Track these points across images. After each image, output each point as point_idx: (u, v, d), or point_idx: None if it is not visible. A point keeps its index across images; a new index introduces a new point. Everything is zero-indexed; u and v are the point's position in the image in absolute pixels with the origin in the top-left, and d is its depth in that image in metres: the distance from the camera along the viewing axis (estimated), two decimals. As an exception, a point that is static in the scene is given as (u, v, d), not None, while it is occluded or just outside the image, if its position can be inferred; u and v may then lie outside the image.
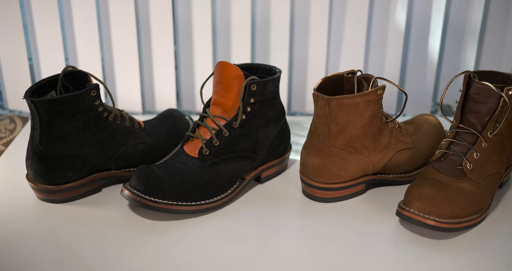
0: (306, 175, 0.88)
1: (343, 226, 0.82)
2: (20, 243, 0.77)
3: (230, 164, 0.87)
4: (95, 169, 0.89)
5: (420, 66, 1.30)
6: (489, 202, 0.83)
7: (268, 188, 0.94)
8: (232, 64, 0.86)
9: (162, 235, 0.79)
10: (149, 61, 1.30)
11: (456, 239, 0.79)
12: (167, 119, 1.02)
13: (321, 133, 0.85)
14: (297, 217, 0.86)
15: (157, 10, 1.24)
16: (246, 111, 0.87)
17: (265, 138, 0.90)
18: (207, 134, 0.86)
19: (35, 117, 0.82)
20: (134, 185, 0.81)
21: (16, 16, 1.22)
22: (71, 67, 0.86)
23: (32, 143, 0.83)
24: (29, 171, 0.86)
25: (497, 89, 0.81)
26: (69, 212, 0.85)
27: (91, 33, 1.25)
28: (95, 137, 0.86)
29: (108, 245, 0.77)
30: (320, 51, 1.29)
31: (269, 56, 1.29)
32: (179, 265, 0.73)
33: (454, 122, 0.86)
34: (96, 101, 0.85)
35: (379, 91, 0.84)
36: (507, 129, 0.84)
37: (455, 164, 0.82)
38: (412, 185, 0.80)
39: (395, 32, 1.26)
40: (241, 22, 1.26)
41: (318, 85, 0.85)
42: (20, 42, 1.24)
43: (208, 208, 0.84)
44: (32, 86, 0.83)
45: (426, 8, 1.25)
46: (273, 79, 0.88)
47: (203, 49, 1.28)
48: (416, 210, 0.77)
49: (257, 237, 0.79)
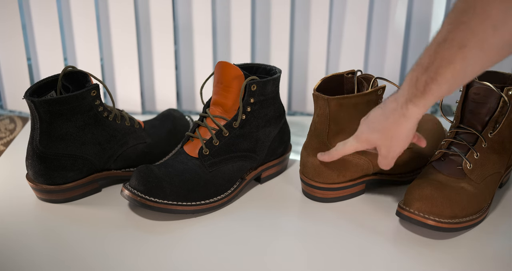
0: (306, 175, 0.88)
1: (343, 226, 0.82)
2: (20, 243, 0.77)
3: (230, 164, 0.87)
4: (95, 169, 0.89)
5: (420, 66, 1.30)
6: (489, 202, 0.83)
7: (268, 188, 0.94)
8: (232, 64, 0.86)
9: (162, 235, 0.79)
10: (149, 61, 1.30)
11: (456, 239, 0.79)
12: (167, 119, 1.02)
13: (321, 133, 0.85)
14: (297, 217, 0.86)
15: (157, 10, 1.24)
16: (246, 111, 0.87)
17: (265, 138, 0.90)
18: (207, 134, 0.86)
19: (35, 117, 0.82)
20: (134, 185, 0.81)
21: (15, 16, 1.22)
22: (71, 67, 0.86)
23: (32, 143, 0.83)
24: (29, 171, 0.86)
25: (497, 89, 0.81)
26: (69, 212, 0.85)
27: (90, 33, 1.25)
28: (95, 137, 0.86)
29: (108, 245, 0.77)
30: (320, 51, 1.29)
31: (269, 56, 1.29)
32: (179, 265, 0.73)
33: (454, 122, 0.86)
34: (96, 101, 0.85)
35: (379, 91, 0.84)
36: (507, 129, 0.84)
37: (455, 164, 0.82)
38: (412, 185, 0.80)
39: (395, 32, 1.26)
40: (241, 22, 1.26)
41: (318, 85, 0.86)
42: (19, 42, 1.24)
43: (208, 208, 0.84)
44: (32, 86, 0.83)
45: (426, 8, 1.25)
46: (273, 79, 0.88)
47: (203, 49, 1.28)
48: (416, 210, 0.77)
49: (257, 237, 0.79)
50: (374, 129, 0.74)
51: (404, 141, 0.73)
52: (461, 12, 0.60)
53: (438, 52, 0.62)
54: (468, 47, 0.60)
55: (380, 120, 0.72)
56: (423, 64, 0.64)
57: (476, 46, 0.60)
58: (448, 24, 0.61)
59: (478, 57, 0.61)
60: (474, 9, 0.58)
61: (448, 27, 0.61)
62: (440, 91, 0.65)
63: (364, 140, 0.76)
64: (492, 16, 0.58)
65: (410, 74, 0.67)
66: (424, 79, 0.65)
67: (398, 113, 0.69)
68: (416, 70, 0.65)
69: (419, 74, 0.65)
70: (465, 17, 0.59)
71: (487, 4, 0.58)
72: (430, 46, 0.64)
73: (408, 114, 0.69)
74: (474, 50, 0.60)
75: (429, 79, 0.64)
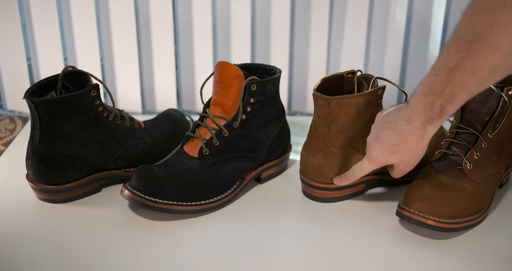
0: (306, 175, 0.88)
1: (343, 226, 0.82)
2: (20, 243, 0.77)
3: (230, 164, 0.87)
4: (95, 169, 0.89)
5: (420, 66, 1.30)
6: (489, 202, 0.83)
7: (268, 188, 0.94)
8: (232, 64, 0.86)
9: (162, 235, 0.79)
10: (149, 61, 1.30)
11: (456, 239, 0.79)
12: (167, 119, 1.02)
13: (321, 133, 0.85)
14: (297, 217, 0.86)
15: (157, 10, 1.24)
16: (246, 111, 0.87)
17: (265, 138, 0.90)
18: (207, 134, 0.86)
19: (35, 117, 0.82)
20: (134, 185, 0.81)
21: (14, 16, 1.22)
22: (71, 67, 0.86)
23: (32, 143, 0.83)
24: (29, 171, 0.86)
25: (497, 89, 0.81)
26: (69, 212, 0.85)
27: (90, 33, 1.25)
28: (95, 137, 0.86)
29: (108, 245, 0.77)
30: (320, 51, 1.29)
31: (269, 56, 1.29)
32: (179, 265, 0.73)
33: (454, 122, 0.86)
34: (96, 101, 0.85)
35: (379, 91, 0.84)
36: (507, 129, 0.84)
37: (455, 164, 0.82)
38: (412, 185, 0.80)
39: (395, 32, 1.26)
40: (241, 22, 1.26)
41: (318, 85, 0.85)
42: (18, 42, 1.24)
43: (208, 208, 0.84)
44: (32, 86, 0.83)
45: (426, 8, 1.25)
46: (273, 79, 0.88)
47: (203, 49, 1.28)
48: (416, 210, 0.77)
49: (257, 237, 0.79)
50: (391, 151, 0.76)
51: (421, 155, 0.78)
52: (471, 42, 0.62)
53: (451, 78, 0.66)
54: (480, 72, 0.64)
55: (398, 143, 0.75)
56: (436, 90, 0.67)
57: (488, 71, 0.63)
58: (457, 52, 0.64)
59: (490, 78, 0.65)
60: (485, 39, 0.61)
61: (458, 56, 0.64)
62: (455, 109, 0.69)
63: (380, 161, 0.79)
64: (505, 46, 0.61)
65: (423, 99, 0.69)
66: (440, 103, 0.68)
67: (417, 135, 0.73)
68: (429, 96, 0.68)
69: (434, 99, 0.68)
70: (476, 46, 0.62)
71: (500, 36, 0.60)
72: (439, 72, 0.66)
73: (426, 135, 0.73)
74: (486, 73, 0.64)
75: (445, 103, 0.68)
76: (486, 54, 0.62)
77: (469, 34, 0.62)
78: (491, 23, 0.60)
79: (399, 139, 0.74)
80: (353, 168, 0.83)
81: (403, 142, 0.74)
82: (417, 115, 0.71)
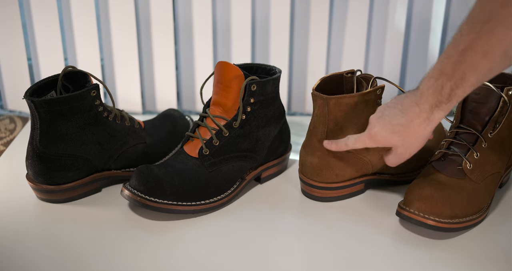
0: (305, 174, 0.88)
1: (343, 226, 0.82)
2: (20, 243, 0.77)
3: (230, 164, 0.87)
4: (95, 169, 0.89)
5: (420, 66, 1.30)
6: (489, 202, 0.83)
7: (268, 188, 0.94)
8: (232, 64, 0.86)
9: (162, 235, 0.79)
10: (149, 61, 1.30)
11: (456, 239, 0.79)
12: (167, 119, 1.02)
13: (320, 132, 0.85)
14: (297, 217, 0.86)
15: (158, 10, 1.24)
16: (246, 111, 0.87)
17: (265, 138, 0.90)
18: (207, 134, 0.86)
19: (35, 117, 0.82)
20: (134, 185, 0.81)
21: (15, 16, 1.22)
22: (71, 67, 0.86)
23: (32, 143, 0.83)
24: (29, 171, 0.86)
25: (497, 89, 0.81)
26: (69, 212, 0.85)
27: (90, 33, 1.25)
28: (95, 137, 0.86)
29: (108, 245, 0.77)
30: (320, 51, 1.29)
31: (269, 56, 1.29)
32: (179, 265, 0.73)
33: (454, 122, 0.86)
34: (96, 101, 0.85)
35: (378, 91, 0.84)
36: (507, 129, 0.84)
37: (455, 164, 0.82)
38: (412, 185, 0.80)
39: (395, 32, 1.26)
40: (241, 22, 1.26)
41: (317, 85, 0.86)
42: (19, 42, 1.24)
43: (208, 208, 0.84)
44: (32, 86, 0.83)
45: (426, 8, 1.25)
46: (273, 79, 0.88)
47: (204, 49, 1.28)
48: (416, 210, 0.77)
49: (257, 237, 0.79)
50: (393, 130, 0.74)
51: (423, 142, 0.76)
52: (483, 22, 0.63)
53: (463, 60, 0.66)
54: (492, 54, 0.64)
55: (402, 123, 0.73)
56: (446, 72, 0.67)
57: (500, 53, 0.64)
58: (469, 33, 0.64)
59: (501, 61, 0.65)
60: (498, 18, 0.62)
61: (470, 36, 0.64)
62: (464, 94, 0.69)
63: (379, 139, 0.76)
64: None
65: (433, 82, 0.69)
66: (450, 86, 0.68)
67: (423, 118, 0.72)
68: (439, 79, 0.68)
69: (444, 82, 0.68)
70: (489, 26, 0.63)
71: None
72: (450, 55, 0.67)
73: (433, 118, 0.72)
74: (498, 56, 0.64)
75: (454, 86, 0.68)
76: (500, 34, 0.62)
77: (481, 14, 0.63)
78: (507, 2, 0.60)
79: (404, 119, 0.72)
80: (349, 136, 0.81)
81: (408, 122, 0.72)
82: (426, 98, 0.70)
